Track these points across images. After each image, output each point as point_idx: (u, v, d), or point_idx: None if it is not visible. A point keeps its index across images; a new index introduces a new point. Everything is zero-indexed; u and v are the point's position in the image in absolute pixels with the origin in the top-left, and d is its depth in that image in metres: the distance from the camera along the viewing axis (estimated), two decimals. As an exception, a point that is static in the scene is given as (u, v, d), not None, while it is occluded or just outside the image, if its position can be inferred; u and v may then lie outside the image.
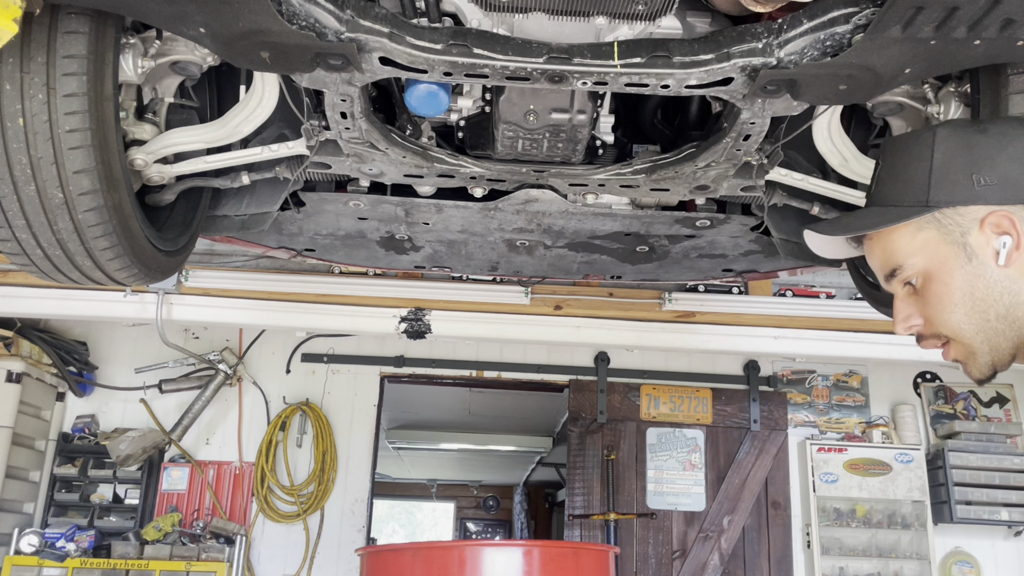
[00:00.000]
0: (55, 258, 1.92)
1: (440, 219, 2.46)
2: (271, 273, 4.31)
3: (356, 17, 1.55)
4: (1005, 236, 1.10)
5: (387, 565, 1.80)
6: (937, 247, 1.15)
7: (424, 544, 1.76)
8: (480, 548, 1.71)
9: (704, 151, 1.99)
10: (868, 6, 1.53)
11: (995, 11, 1.39)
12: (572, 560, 1.74)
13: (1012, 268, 1.10)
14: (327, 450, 5.21)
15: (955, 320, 1.15)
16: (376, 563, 1.84)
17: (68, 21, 1.61)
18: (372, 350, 5.42)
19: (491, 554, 1.71)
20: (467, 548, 1.72)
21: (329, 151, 2.08)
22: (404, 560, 1.76)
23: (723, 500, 5.17)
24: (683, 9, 1.71)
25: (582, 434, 5.30)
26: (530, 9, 1.65)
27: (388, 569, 1.78)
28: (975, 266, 1.12)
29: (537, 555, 1.70)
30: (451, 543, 1.68)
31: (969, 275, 1.13)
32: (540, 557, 1.70)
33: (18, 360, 4.73)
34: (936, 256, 1.15)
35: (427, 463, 11.21)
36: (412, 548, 1.77)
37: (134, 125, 2.08)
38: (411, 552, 1.78)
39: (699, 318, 4.50)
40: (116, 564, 4.57)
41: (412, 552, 1.78)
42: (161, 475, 5.11)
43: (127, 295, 4.19)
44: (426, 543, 1.76)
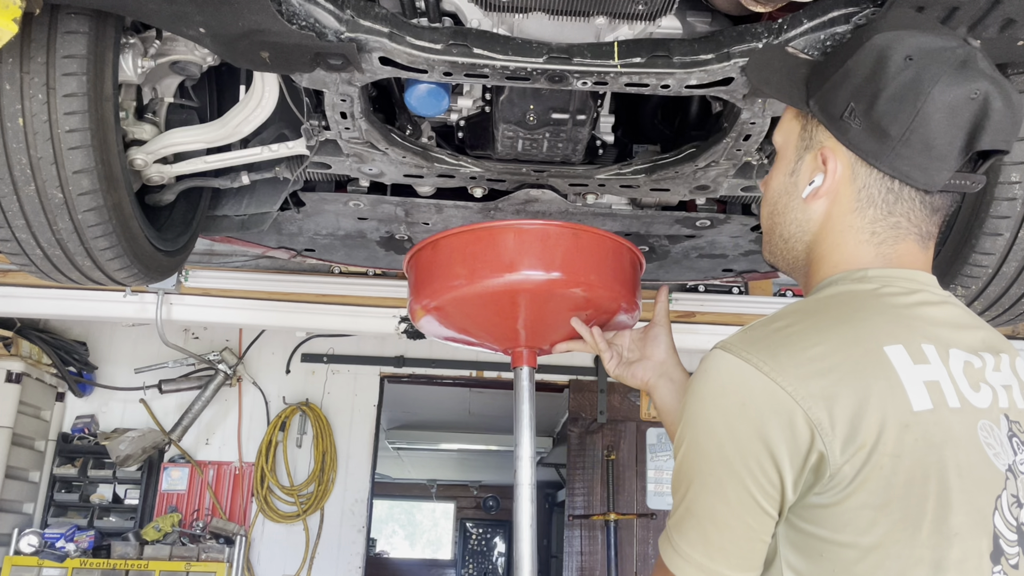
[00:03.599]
0: (55, 258, 1.92)
1: (440, 219, 2.46)
2: (271, 273, 4.30)
3: (356, 17, 1.55)
4: (820, 175, 1.07)
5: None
6: (789, 140, 1.14)
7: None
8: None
9: (704, 151, 1.99)
10: (868, 6, 1.53)
11: (995, 11, 1.39)
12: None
13: (810, 208, 1.08)
14: (327, 450, 5.21)
15: (764, 209, 1.18)
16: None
17: (68, 21, 1.61)
18: (372, 350, 5.42)
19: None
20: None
21: (329, 151, 2.08)
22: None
23: (723, 500, 5.18)
24: (683, 9, 1.71)
25: (582, 434, 5.30)
26: (530, 9, 1.65)
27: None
28: (790, 182, 1.12)
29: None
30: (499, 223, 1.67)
31: (783, 185, 1.13)
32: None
33: (18, 360, 4.73)
34: (784, 147, 1.15)
35: (427, 463, 11.22)
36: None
37: (134, 125, 2.08)
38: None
39: (699, 318, 4.50)
40: (116, 564, 4.57)
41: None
42: (161, 475, 5.11)
43: (127, 295, 4.19)
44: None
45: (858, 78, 1.03)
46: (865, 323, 0.95)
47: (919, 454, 0.89)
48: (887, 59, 1.00)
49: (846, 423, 0.88)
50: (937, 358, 0.96)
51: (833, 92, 1.05)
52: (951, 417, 0.92)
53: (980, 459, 0.93)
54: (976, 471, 0.92)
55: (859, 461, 0.88)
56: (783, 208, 1.13)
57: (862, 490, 0.88)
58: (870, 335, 0.94)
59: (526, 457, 1.77)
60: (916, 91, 0.98)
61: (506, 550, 12.48)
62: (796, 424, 0.88)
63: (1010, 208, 1.83)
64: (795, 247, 1.12)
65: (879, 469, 0.88)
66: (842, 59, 1.06)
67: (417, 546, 14.87)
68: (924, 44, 1.00)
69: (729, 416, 0.92)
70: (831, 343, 0.92)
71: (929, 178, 1.01)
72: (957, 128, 0.98)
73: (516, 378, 1.83)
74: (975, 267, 1.94)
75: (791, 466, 0.89)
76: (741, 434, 0.91)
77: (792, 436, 0.89)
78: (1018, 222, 1.85)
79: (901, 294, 1.01)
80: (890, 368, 0.91)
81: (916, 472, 0.89)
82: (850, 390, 0.89)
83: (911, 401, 0.90)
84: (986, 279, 2.02)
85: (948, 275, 2.01)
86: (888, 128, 0.99)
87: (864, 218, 1.05)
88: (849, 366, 0.90)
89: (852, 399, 0.89)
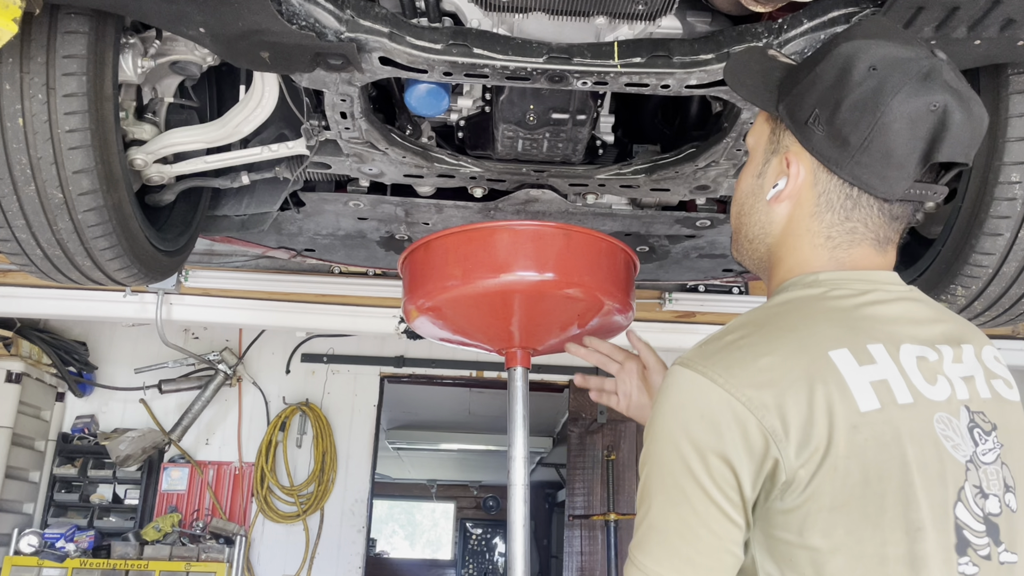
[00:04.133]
0: (55, 258, 1.92)
1: (440, 219, 2.46)
2: (271, 273, 4.30)
3: (356, 17, 1.55)
4: (784, 178, 1.08)
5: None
6: (759, 143, 1.15)
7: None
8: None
9: (704, 151, 1.99)
10: (868, 6, 1.53)
11: (995, 11, 1.39)
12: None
13: (773, 211, 1.10)
14: (327, 450, 5.21)
15: (733, 208, 1.19)
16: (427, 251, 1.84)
17: (68, 21, 1.61)
18: (372, 350, 5.42)
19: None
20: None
21: (329, 151, 2.08)
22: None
23: (723, 500, 5.18)
24: (683, 9, 1.71)
25: (582, 434, 5.30)
26: (530, 9, 1.65)
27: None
28: (757, 184, 1.14)
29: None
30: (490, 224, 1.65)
31: (750, 187, 1.15)
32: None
33: (18, 360, 4.73)
34: (754, 149, 1.16)
35: (427, 463, 11.21)
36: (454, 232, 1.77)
37: (134, 125, 2.08)
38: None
39: (699, 318, 4.49)
40: (116, 564, 4.57)
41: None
42: (161, 475, 5.11)
43: (127, 295, 4.18)
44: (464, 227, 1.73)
45: (823, 85, 1.03)
46: (811, 330, 0.97)
47: (871, 453, 0.91)
48: (851, 68, 1.01)
49: (798, 429, 0.90)
50: (885, 356, 0.97)
51: (800, 98, 1.06)
52: (901, 414, 0.94)
53: (937, 452, 0.94)
54: (934, 465, 0.94)
55: (813, 465, 0.90)
56: (749, 209, 1.15)
57: (820, 493, 0.90)
58: (815, 342, 0.96)
59: (519, 457, 1.77)
60: (876, 101, 0.98)
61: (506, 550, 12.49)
62: (750, 433, 0.91)
63: (1010, 208, 1.83)
64: (759, 248, 1.14)
65: (833, 471, 0.90)
66: (811, 65, 1.06)
67: (417, 546, 14.87)
68: (889, 54, 1.00)
69: (689, 427, 0.94)
70: (779, 353, 0.95)
71: (888, 187, 1.01)
72: (916, 139, 0.98)
73: (509, 378, 1.84)
74: (975, 267, 1.94)
75: (748, 473, 0.92)
76: (701, 443, 0.93)
77: (747, 444, 0.91)
78: (1018, 222, 1.85)
79: (849, 296, 1.02)
80: (836, 372, 0.93)
81: (870, 471, 0.91)
82: (799, 397, 0.91)
83: (858, 402, 0.92)
84: (986, 279, 2.02)
85: (948, 275, 2.01)
86: (849, 136, 1.00)
87: (822, 223, 1.06)
88: (797, 374, 0.93)
89: (802, 406, 0.91)
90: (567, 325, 1.81)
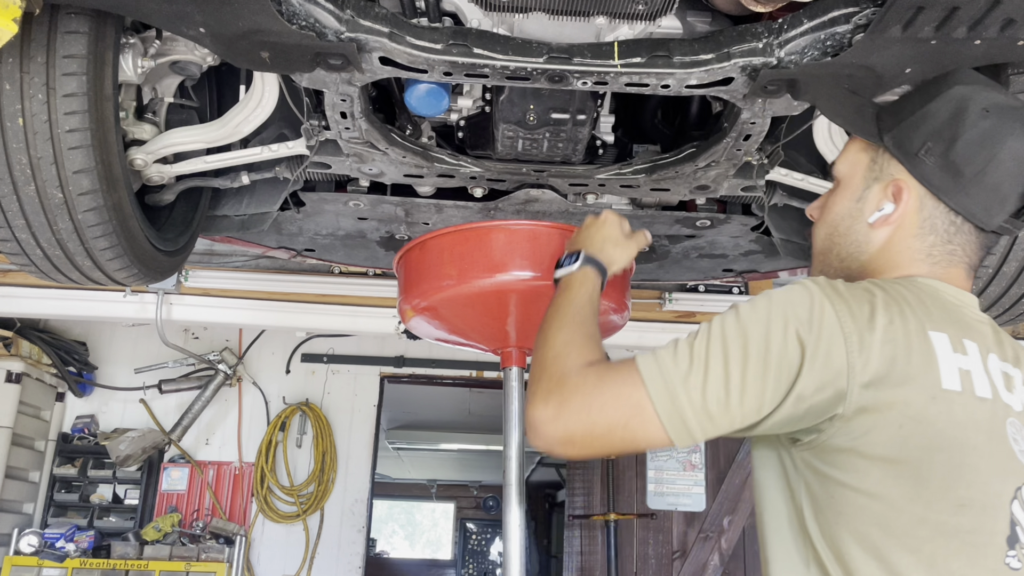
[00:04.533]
0: (55, 258, 1.92)
1: (440, 219, 2.46)
2: (271, 273, 4.30)
3: (356, 17, 1.55)
4: (890, 204, 1.18)
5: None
6: (856, 170, 1.25)
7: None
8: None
9: (704, 151, 1.99)
10: (868, 6, 1.53)
11: (995, 11, 1.39)
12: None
13: (874, 232, 1.20)
14: (327, 450, 5.21)
15: (822, 231, 1.29)
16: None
17: (68, 21, 1.60)
18: (372, 350, 5.42)
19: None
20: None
21: (329, 151, 2.08)
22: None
23: (723, 500, 5.17)
24: (683, 9, 1.70)
25: (582, 434, 5.29)
26: (530, 9, 1.65)
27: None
28: (855, 208, 1.23)
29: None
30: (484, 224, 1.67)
31: (847, 210, 1.24)
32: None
33: (18, 360, 4.73)
34: (850, 176, 1.26)
35: (427, 463, 11.21)
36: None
37: (134, 125, 2.08)
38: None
39: (699, 318, 4.49)
40: (116, 564, 4.57)
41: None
42: (161, 475, 5.11)
43: (127, 295, 4.18)
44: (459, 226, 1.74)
45: (937, 122, 1.15)
46: (920, 308, 1.07)
47: (939, 426, 1.00)
48: (966, 108, 1.14)
49: (876, 376, 0.99)
50: (976, 353, 1.07)
51: (910, 131, 1.17)
52: (977, 404, 1.03)
53: (1002, 448, 1.03)
54: (997, 457, 1.02)
55: (876, 414, 0.99)
56: (845, 230, 1.24)
57: (875, 442, 0.99)
58: (922, 318, 1.06)
59: (515, 457, 1.77)
60: (993, 139, 1.11)
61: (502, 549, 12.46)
62: (835, 355, 1.00)
63: (1010, 208, 1.83)
64: (851, 265, 1.23)
65: (897, 427, 0.99)
66: (919, 103, 1.19)
67: (417, 546, 14.87)
68: (999, 101, 1.15)
69: (795, 311, 1.03)
70: (890, 314, 1.04)
71: (989, 217, 1.15)
72: (1020, 177, 1.12)
73: (505, 378, 1.84)
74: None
75: (810, 379, 1.00)
76: (794, 324, 1.02)
77: (827, 360, 1.00)
78: (1018, 222, 1.85)
79: (951, 298, 1.14)
80: (930, 347, 1.03)
81: (933, 441, 0.99)
82: (890, 352, 1.01)
83: (942, 379, 1.02)
84: (986, 279, 2.02)
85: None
86: (963, 168, 1.13)
87: (924, 242, 1.17)
88: (896, 334, 1.02)
89: (887, 360, 1.00)
90: None
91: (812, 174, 2.26)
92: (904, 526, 0.98)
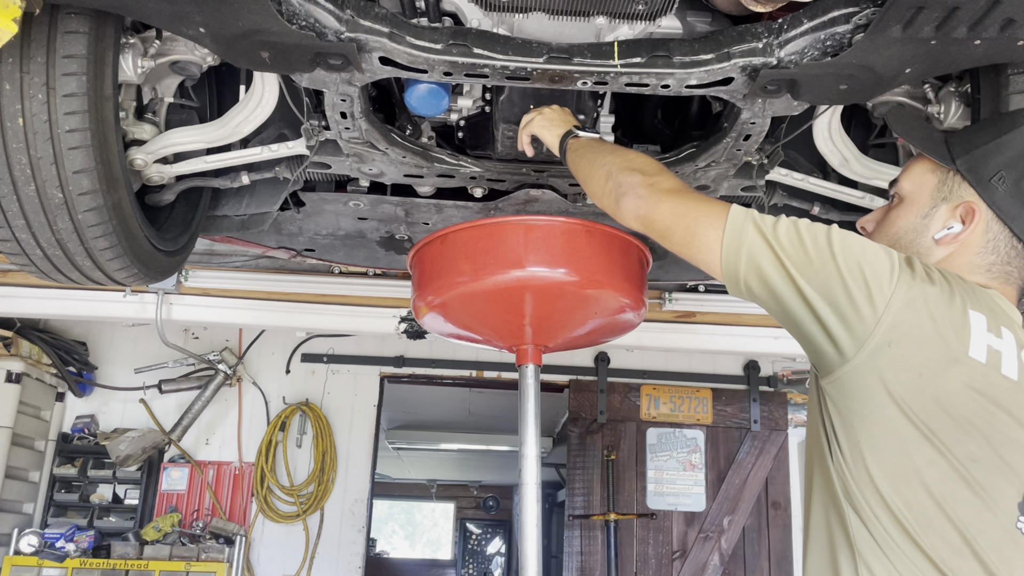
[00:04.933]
0: (55, 258, 1.92)
1: (440, 219, 2.46)
2: (271, 273, 4.30)
3: (356, 17, 1.55)
4: (959, 224, 1.27)
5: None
6: (923, 190, 1.32)
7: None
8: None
9: (704, 151, 1.99)
10: (868, 6, 1.53)
11: (995, 11, 1.39)
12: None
13: (938, 248, 1.29)
14: (327, 450, 5.21)
15: (883, 242, 1.33)
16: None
17: (68, 21, 1.60)
18: (372, 350, 5.42)
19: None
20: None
21: (329, 151, 2.08)
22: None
23: (723, 500, 5.17)
24: (683, 9, 1.71)
25: (582, 434, 5.30)
26: (530, 9, 1.65)
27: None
28: (921, 224, 1.31)
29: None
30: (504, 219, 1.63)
31: (912, 225, 1.32)
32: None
33: (18, 360, 4.73)
34: (915, 194, 1.34)
35: (427, 463, 11.21)
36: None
37: (134, 125, 2.08)
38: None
39: (699, 318, 4.49)
40: (116, 564, 4.57)
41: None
42: (161, 475, 5.11)
43: (127, 295, 4.18)
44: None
45: (1013, 152, 1.24)
46: (968, 292, 1.17)
47: (954, 387, 1.08)
48: None
49: (910, 321, 1.10)
50: (1011, 340, 1.15)
51: (985, 158, 1.26)
52: (1000, 380, 1.11)
53: (1020, 426, 1.10)
54: (1013, 430, 1.10)
55: (902, 352, 1.09)
56: (908, 243, 1.32)
57: (897, 380, 1.09)
58: (967, 298, 1.15)
59: (532, 456, 1.75)
60: None
61: (505, 550, 12.47)
62: (883, 280, 1.12)
63: (1010, 208, 1.83)
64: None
65: (917, 375, 1.08)
66: (994, 134, 1.28)
67: (417, 546, 14.87)
68: None
69: (855, 237, 1.18)
70: (944, 289, 1.14)
71: None
72: None
73: (521, 376, 1.82)
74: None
75: (859, 293, 1.12)
76: (844, 232, 1.18)
77: (875, 279, 1.12)
78: (1018, 222, 1.85)
79: (1000, 302, 1.22)
80: (967, 322, 1.12)
81: (947, 399, 1.08)
82: (931, 313, 1.11)
83: (970, 348, 1.10)
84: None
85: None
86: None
87: (985, 260, 1.26)
88: (943, 303, 1.12)
89: (927, 319, 1.10)
90: (582, 322, 1.79)
91: (812, 174, 2.26)
92: (917, 463, 1.07)
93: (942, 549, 1.06)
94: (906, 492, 1.08)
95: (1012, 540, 1.07)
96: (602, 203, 1.50)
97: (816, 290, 1.15)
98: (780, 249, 1.18)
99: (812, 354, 1.22)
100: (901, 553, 1.07)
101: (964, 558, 1.05)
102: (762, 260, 1.19)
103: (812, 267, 1.16)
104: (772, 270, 1.19)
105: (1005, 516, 1.07)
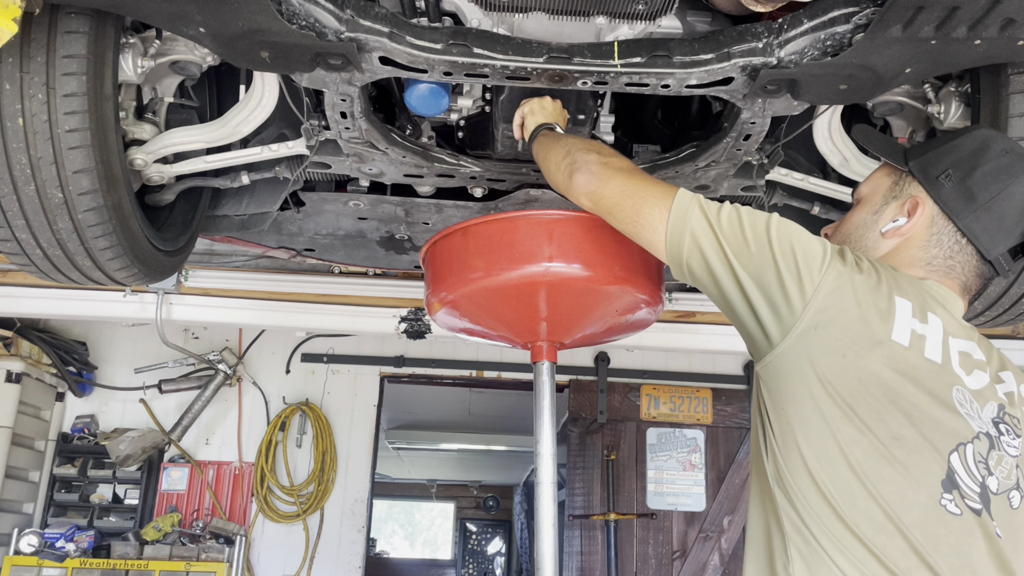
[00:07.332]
0: (55, 258, 1.92)
1: (440, 219, 2.46)
2: (271, 273, 4.30)
3: (356, 17, 1.55)
4: (904, 218, 1.32)
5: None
6: (878, 191, 1.39)
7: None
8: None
9: (704, 151, 1.99)
10: (868, 6, 1.53)
11: (995, 11, 1.39)
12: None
13: (884, 241, 1.34)
14: (327, 450, 5.21)
15: (836, 239, 1.42)
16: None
17: (68, 21, 1.60)
18: (372, 350, 5.42)
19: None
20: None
21: (329, 151, 2.08)
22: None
23: (723, 500, 5.17)
24: (683, 9, 1.71)
25: (582, 434, 5.30)
26: (530, 9, 1.65)
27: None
28: (871, 219, 1.37)
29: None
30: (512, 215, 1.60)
31: (863, 221, 1.38)
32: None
33: (18, 360, 4.73)
34: (870, 195, 1.40)
35: (427, 463, 11.21)
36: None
37: (134, 125, 2.08)
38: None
39: (699, 318, 4.49)
40: (116, 564, 4.57)
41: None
42: (161, 475, 5.11)
43: (127, 295, 4.18)
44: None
45: (961, 153, 1.30)
46: (895, 280, 1.21)
47: (877, 367, 1.12)
48: (989, 146, 1.29)
49: (836, 304, 1.15)
50: (938, 327, 1.19)
51: (935, 159, 1.31)
52: (923, 363, 1.15)
53: (942, 406, 1.13)
54: (936, 411, 1.13)
55: (826, 334, 1.14)
56: (857, 238, 1.38)
57: (823, 362, 1.13)
58: (892, 286, 1.19)
59: (547, 454, 1.72)
60: (1008, 173, 1.26)
61: (505, 550, 12.47)
62: (813, 264, 1.17)
63: (1010, 208, 1.83)
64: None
65: (840, 356, 1.13)
66: (946, 140, 1.34)
67: (417, 546, 14.86)
68: (1017, 147, 1.30)
69: (789, 224, 1.23)
70: (871, 276, 1.19)
71: (992, 245, 1.27)
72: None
73: (536, 373, 1.80)
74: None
75: (789, 277, 1.17)
76: (782, 220, 1.24)
77: (806, 266, 1.17)
78: (1018, 222, 1.85)
79: (934, 291, 1.26)
80: (892, 307, 1.16)
81: (868, 379, 1.12)
82: (857, 297, 1.15)
83: (893, 331, 1.14)
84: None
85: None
86: (977, 194, 1.26)
87: (927, 253, 1.30)
88: (869, 289, 1.17)
89: (852, 303, 1.15)
90: (599, 319, 1.77)
91: (812, 174, 2.26)
92: (841, 442, 1.11)
93: (867, 527, 1.08)
94: (831, 470, 1.11)
95: (937, 518, 1.08)
96: (555, 179, 1.55)
97: (750, 275, 1.20)
98: (721, 233, 1.24)
99: (747, 340, 1.26)
100: (828, 531, 1.09)
101: (889, 535, 1.07)
102: (704, 243, 1.25)
103: (748, 251, 1.21)
104: (712, 253, 1.24)
105: (928, 494, 1.09)
